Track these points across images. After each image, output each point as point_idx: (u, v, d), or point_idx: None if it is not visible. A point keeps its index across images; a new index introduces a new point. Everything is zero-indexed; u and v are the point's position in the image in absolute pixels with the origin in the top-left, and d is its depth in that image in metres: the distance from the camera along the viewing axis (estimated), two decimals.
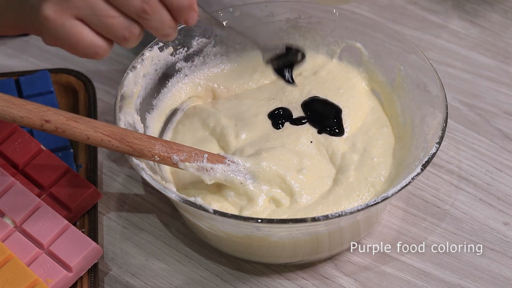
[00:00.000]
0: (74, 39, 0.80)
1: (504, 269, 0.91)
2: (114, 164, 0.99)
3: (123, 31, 0.80)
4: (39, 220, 0.89)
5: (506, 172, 0.98)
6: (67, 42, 0.80)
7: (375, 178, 0.91)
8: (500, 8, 1.15)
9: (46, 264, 0.87)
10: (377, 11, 1.15)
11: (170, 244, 0.93)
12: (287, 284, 0.90)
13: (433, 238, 0.93)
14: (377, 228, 0.94)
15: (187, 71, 0.99)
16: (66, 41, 0.80)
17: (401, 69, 0.96)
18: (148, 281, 0.90)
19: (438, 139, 0.86)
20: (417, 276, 0.90)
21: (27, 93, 1.01)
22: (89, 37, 0.80)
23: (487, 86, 1.07)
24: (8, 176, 0.91)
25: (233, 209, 0.89)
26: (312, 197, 0.89)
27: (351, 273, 0.91)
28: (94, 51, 0.81)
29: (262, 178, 0.89)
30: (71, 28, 0.79)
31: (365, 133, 0.94)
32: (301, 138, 0.93)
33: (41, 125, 0.82)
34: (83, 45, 0.80)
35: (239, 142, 0.93)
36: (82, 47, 0.80)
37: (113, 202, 0.96)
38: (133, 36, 0.81)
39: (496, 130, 1.02)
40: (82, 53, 0.81)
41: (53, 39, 0.81)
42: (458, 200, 0.96)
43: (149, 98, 0.96)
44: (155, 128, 0.96)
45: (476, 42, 1.11)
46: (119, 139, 0.85)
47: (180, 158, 0.87)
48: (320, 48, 1.01)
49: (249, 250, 0.90)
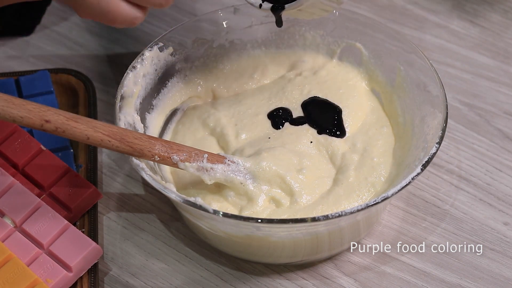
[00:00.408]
0: (112, 14, 0.84)
1: (504, 269, 0.91)
2: (114, 164, 0.99)
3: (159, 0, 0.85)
4: (39, 220, 0.89)
5: (506, 172, 0.98)
6: (105, 17, 0.85)
7: (375, 178, 0.91)
8: (500, 8, 1.15)
9: (46, 264, 0.87)
10: (377, 11, 1.15)
11: (170, 244, 0.93)
12: (287, 284, 0.90)
13: (433, 238, 0.93)
14: (377, 228, 0.94)
15: (187, 71, 0.99)
16: (104, 16, 0.84)
17: (401, 69, 0.95)
18: (148, 281, 0.90)
19: (438, 139, 0.86)
20: (417, 276, 0.90)
21: (27, 93, 1.01)
22: (126, 10, 0.85)
23: (487, 86, 1.07)
24: (8, 176, 0.91)
25: (233, 209, 0.89)
26: (312, 197, 0.89)
27: (351, 273, 0.91)
28: (132, 22, 0.85)
29: (262, 178, 0.89)
30: (108, 4, 0.84)
31: (365, 133, 0.94)
32: (301, 138, 0.93)
33: (41, 125, 0.82)
34: (121, 18, 0.85)
35: (239, 142, 0.93)
36: (120, 21, 0.85)
37: (113, 202, 0.96)
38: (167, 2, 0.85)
39: (496, 130, 1.02)
40: (120, 25, 0.86)
41: (90, 14, 0.85)
42: (458, 200, 0.96)
43: (149, 98, 0.96)
44: (155, 128, 0.96)
45: (476, 42, 1.11)
46: (119, 139, 0.85)
47: (180, 158, 0.87)
48: (320, 48, 1.01)
49: (249, 250, 0.90)
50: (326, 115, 0.95)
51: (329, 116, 0.95)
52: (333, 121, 0.94)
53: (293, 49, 1.01)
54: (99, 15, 0.85)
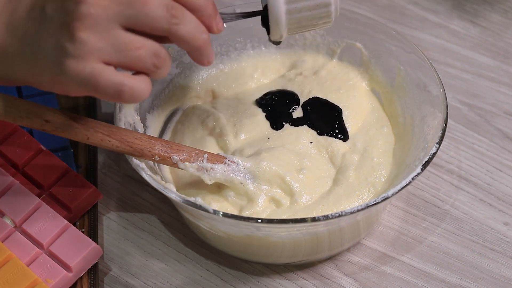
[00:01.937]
0: (93, 81, 0.74)
1: (504, 269, 0.91)
2: (114, 164, 0.99)
3: (151, 59, 0.75)
4: (39, 220, 0.89)
5: (506, 172, 0.98)
6: (86, 88, 0.75)
7: (375, 178, 0.91)
8: (500, 8, 1.15)
9: (46, 264, 0.87)
10: (377, 11, 1.15)
11: (170, 244, 0.93)
12: (287, 284, 0.90)
13: (433, 238, 0.93)
14: (377, 228, 0.94)
15: (187, 71, 0.99)
16: (86, 86, 0.74)
17: (401, 69, 0.96)
18: (148, 281, 0.90)
19: (438, 139, 0.86)
20: (417, 276, 0.90)
21: (27, 93, 1.01)
22: (111, 76, 0.74)
23: (487, 86, 1.07)
24: (8, 176, 0.91)
25: (233, 209, 0.89)
26: (312, 197, 0.89)
27: (351, 273, 0.91)
28: (119, 90, 0.74)
29: (262, 178, 0.89)
30: (91, 71, 0.74)
31: (366, 133, 0.94)
32: (301, 138, 0.93)
33: (41, 125, 0.82)
34: (103, 85, 0.74)
35: (238, 142, 0.93)
36: (103, 88, 0.74)
37: (113, 202, 0.96)
38: (162, 60, 0.75)
39: (496, 130, 1.02)
40: (105, 95, 0.75)
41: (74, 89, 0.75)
42: (458, 200, 0.96)
43: (149, 98, 0.96)
44: (155, 128, 0.96)
45: (476, 42, 1.11)
46: (119, 139, 0.85)
47: (180, 158, 0.87)
48: (320, 48, 1.01)
49: (249, 250, 0.90)
50: (326, 117, 0.95)
51: (330, 118, 0.95)
52: (334, 124, 0.94)
53: (293, 49, 1.01)
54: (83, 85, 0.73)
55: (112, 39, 0.74)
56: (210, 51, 0.79)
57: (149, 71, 0.76)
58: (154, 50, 0.75)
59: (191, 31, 0.76)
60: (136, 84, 0.75)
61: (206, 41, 0.78)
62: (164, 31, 0.76)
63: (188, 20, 0.76)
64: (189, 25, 0.76)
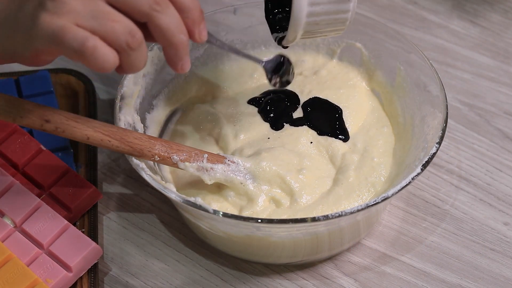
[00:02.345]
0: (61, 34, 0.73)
1: (504, 269, 0.91)
2: (114, 164, 0.99)
3: (125, 36, 0.73)
4: (39, 220, 0.89)
5: (506, 172, 0.98)
6: (54, 41, 0.73)
7: (375, 178, 0.91)
8: (500, 8, 1.15)
9: (46, 264, 0.87)
10: (377, 11, 1.15)
11: (170, 244, 0.93)
12: (287, 284, 0.90)
13: (433, 238, 0.93)
14: (377, 228, 0.94)
15: (187, 71, 0.99)
16: (53, 40, 0.73)
17: (401, 69, 0.96)
18: (148, 281, 0.90)
19: (438, 139, 0.86)
20: (417, 276, 0.90)
21: (27, 93, 1.01)
22: (78, 30, 0.73)
23: (487, 86, 1.07)
24: (8, 176, 0.91)
25: (233, 209, 0.89)
26: (312, 197, 0.89)
27: (351, 273, 0.91)
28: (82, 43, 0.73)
29: (262, 178, 0.89)
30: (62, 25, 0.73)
31: (366, 133, 0.94)
32: (301, 138, 0.93)
33: (41, 125, 0.82)
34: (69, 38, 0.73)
35: (238, 142, 0.93)
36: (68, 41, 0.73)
37: (113, 202, 0.96)
38: (136, 41, 0.74)
39: (496, 130, 1.02)
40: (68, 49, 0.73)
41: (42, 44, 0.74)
42: (458, 200, 0.96)
43: (149, 98, 0.96)
44: (155, 128, 0.96)
45: (476, 42, 1.11)
46: (119, 139, 0.85)
47: (180, 158, 0.87)
48: (320, 48, 1.01)
49: (249, 250, 0.90)
50: (326, 117, 0.95)
51: (330, 118, 0.95)
52: (334, 124, 0.94)
53: (293, 49, 1.01)
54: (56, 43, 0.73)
55: (92, 6, 0.74)
56: (185, 56, 0.77)
57: (121, 48, 0.74)
58: (130, 28, 0.74)
59: (170, 25, 0.75)
60: (101, 47, 0.73)
61: (183, 42, 0.77)
62: (144, 15, 0.75)
63: (170, 14, 0.75)
64: (169, 18, 0.75)
